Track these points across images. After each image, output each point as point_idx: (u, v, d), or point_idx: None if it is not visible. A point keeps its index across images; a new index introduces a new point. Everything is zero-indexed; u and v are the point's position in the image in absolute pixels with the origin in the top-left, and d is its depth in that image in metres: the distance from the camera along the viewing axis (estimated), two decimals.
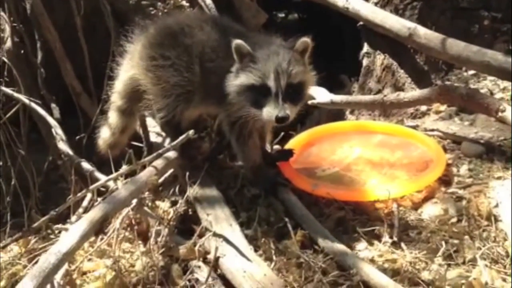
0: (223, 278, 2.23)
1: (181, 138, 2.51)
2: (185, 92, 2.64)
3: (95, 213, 2.17)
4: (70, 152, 2.98)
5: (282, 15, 7.09)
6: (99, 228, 2.13)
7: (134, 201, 2.39)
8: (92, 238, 2.43)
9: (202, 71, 2.61)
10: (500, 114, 2.77)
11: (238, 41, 2.42)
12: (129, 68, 2.82)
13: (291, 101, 2.40)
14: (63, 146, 3.01)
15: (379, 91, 3.66)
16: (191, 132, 2.46)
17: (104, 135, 3.01)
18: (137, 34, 2.85)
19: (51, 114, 3.20)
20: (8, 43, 3.36)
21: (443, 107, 3.28)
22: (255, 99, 2.43)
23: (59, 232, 2.54)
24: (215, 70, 2.56)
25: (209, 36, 2.63)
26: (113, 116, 2.96)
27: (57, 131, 3.07)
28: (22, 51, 3.43)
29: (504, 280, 2.12)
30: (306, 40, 2.46)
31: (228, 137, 2.68)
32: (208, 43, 2.61)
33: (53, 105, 3.31)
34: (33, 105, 3.12)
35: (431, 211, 2.51)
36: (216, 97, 2.59)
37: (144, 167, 2.57)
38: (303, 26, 6.57)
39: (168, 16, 3.30)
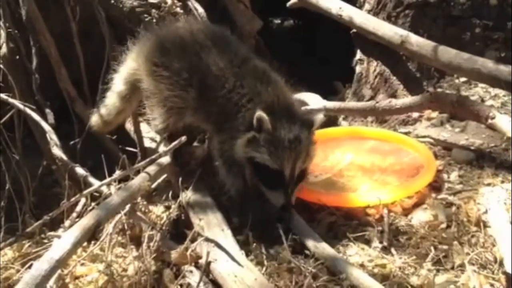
0: (215, 283, 2.25)
1: (173, 144, 2.53)
2: (177, 107, 2.66)
3: (87, 220, 2.19)
4: (64, 157, 2.99)
5: (277, 21, 7.12)
6: (91, 234, 2.15)
7: (127, 207, 2.42)
8: (85, 243, 2.46)
9: (201, 96, 2.58)
10: (490, 121, 2.81)
11: (262, 115, 2.36)
12: (135, 60, 2.83)
13: (297, 183, 2.45)
14: (57, 151, 3.02)
15: (371, 98, 3.70)
16: (183, 138, 2.48)
17: (101, 112, 3.05)
18: (152, 29, 2.85)
19: (46, 120, 3.21)
20: (3, 49, 3.37)
21: (434, 114, 3.32)
22: (264, 176, 2.43)
23: (53, 237, 2.55)
24: (218, 100, 2.53)
25: (216, 61, 2.56)
26: (112, 98, 2.99)
27: (52, 136, 3.08)
28: (17, 57, 3.45)
29: (492, 285, 2.15)
30: (322, 117, 2.54)
31: (216, 161, 2.64)
32: (213, 71, 2.55)
33: (47, 111, 3.31)
34: (28, 110, 3.12)
35: (421, 217, 2.53)
36: (214, 123, 2.59)
37: (137, 172, 2.60)
38: (298, 32, 6.61)
39: (185, 22, 3.18)
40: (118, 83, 2.95)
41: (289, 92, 2.60)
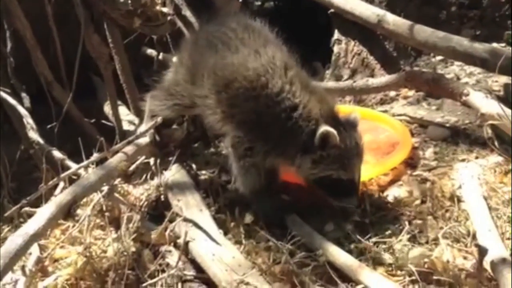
0: (194, 262, 2.28)
1: (151, 124, 2.54)
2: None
3: (64, 196, 2.21)
4: (41, 141, 2.98)
5: (258, 3, 7.08)
6: (67, 211, 2.16)
7: (106, 188, 2.42)
8: (64, 226, 2.47)
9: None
10: (464, 98, 2.85)
11: (329, 130, 2.25)
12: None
13: None
14: (33, 135, 3.01)
15: (349, 78, 3.71)
16: (159, 119, 2.49)
17: None
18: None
19: (22, 104, 3.19)
20: None
21: (411, 93, 3.35)
22: (336, 188, 2.36)
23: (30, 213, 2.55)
24: (263, 120, 2.36)
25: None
26: None
27: (28, 120, 3.07)
28: None
29: (465, 258, 2.19)
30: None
31: (229, 159, 2.51)
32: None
33: (23, 94, 3.29)
34: (3, 94, 3.11)
35: (396, 193, 2.56)
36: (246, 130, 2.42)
37: (115, 154, 2.60)
38: (279, 14, 6.58)
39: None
40: None
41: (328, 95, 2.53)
